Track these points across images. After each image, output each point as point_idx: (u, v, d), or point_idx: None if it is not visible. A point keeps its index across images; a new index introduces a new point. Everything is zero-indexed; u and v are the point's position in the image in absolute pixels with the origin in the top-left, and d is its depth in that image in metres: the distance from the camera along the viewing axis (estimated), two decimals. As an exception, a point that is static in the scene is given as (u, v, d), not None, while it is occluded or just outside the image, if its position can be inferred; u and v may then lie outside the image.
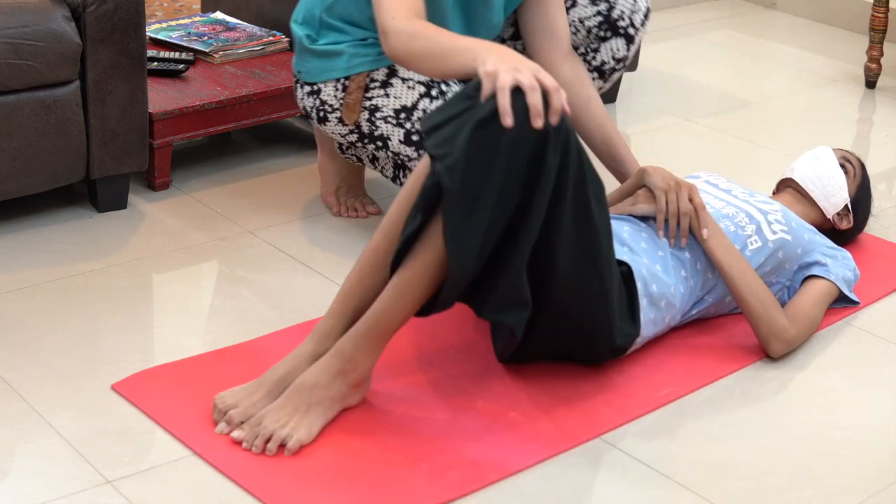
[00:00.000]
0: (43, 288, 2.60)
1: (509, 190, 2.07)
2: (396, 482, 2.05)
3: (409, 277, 2.11)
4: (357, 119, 2.70)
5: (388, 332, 2.15)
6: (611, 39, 2.87)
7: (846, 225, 2.80)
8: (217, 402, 2.16)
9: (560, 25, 2.76)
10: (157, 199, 3.02)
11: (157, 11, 3.91)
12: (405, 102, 2.66)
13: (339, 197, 2.99)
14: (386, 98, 2.67)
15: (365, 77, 2.67)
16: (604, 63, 2.89)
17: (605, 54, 2.88)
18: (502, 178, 2.05)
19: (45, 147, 2.77)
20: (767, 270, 2.53)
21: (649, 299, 2.36)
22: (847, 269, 2.61)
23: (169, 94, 3.08)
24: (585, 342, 2.31)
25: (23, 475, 2.04)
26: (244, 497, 2.01)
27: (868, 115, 3.88)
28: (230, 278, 2.69)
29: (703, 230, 2.44)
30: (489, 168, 2.04)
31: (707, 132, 3.62)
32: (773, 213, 2.57)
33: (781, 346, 2.44)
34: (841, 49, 4.39)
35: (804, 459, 2.18)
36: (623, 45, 2.89)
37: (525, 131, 2.03)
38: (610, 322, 2.27)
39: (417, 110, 2.65)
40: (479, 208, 2.05)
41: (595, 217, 2.18)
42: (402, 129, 2.67)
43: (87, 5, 2.76)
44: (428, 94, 2.65)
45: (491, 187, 2.05)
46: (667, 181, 2.48)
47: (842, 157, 2.82)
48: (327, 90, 2.71)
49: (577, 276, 2.20)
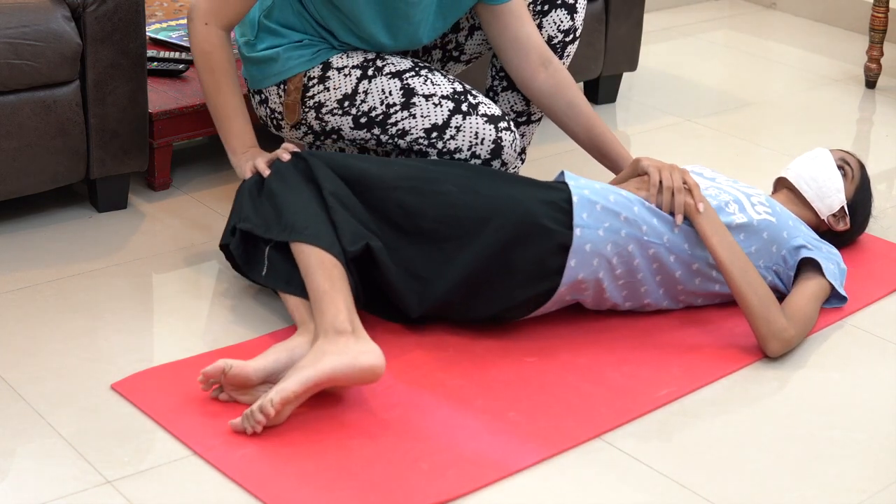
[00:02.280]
0: (43, 288, 2.60)
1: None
2: (396, 481, 2.05)
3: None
4: (298, 119, 2.71)
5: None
6: (551, 12, 2.79)
7: (843, 227, 2.80)
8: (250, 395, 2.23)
9: (526, 36, 2.70)
10: (157, 199, 3.02)
11: (157, 11, 3.89)
12: (345, 90, 2.67)
13: None
14: (326, 92, 2.68)
15: (302, 77, 2.68)
16: (551, 38, 2.79)
17: (550, 28, 2.79)
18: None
19: (45, 147, 2.77)
20: (752, 251, 2.53)
21: (602, 207, 2.42)
22: (832, 263, 2.61)
23: (169, 94, 3.08)
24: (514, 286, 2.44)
25: (22, 475, 2.04)
26: (244, 497, 2.01)
27: (868, 115, 3.88)
28: (230, 278, 2.69)
29: (699, 204, 2.45)
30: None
31: (707, 132, 3.62)
32: (757, 196, 2.60)
33: (780, 345, 2.44)
34: (841, 49, 4.39)
35: (804, 459, 2.18)
36: (566, 16, 2.79)
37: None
38: (541, 257, 2.42)
39: (359, 94, 2.66)
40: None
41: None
42: (349, 117, 2.68)
43: (87, 5, 2.76)
44: (365, 76, 2.66)
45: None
46: (660, 163, 2.52)
47: (840, 159, 2.81)
48: (272, 97, 2.73)
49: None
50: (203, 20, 2.57)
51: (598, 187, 2.47)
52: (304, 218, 2.38)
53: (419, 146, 2.67)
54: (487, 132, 2.62)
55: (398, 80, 2.66)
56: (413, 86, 2.66)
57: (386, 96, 2.66)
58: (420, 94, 2.65)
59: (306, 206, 2.40)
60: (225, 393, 2.21)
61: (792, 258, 2.58)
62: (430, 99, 2.65)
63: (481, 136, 2.62)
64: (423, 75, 2.67)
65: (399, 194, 2.44)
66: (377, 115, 2.67)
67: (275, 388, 2.13)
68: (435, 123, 2.65)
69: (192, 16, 2.58)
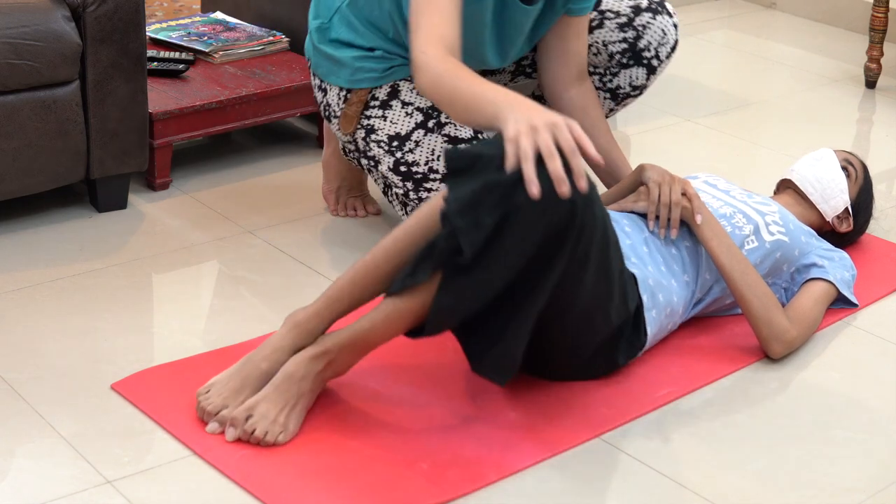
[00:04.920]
0: (43, 288, 2.60)
1: (525, 259, 2.05)
2: (396, 482, 2.05)
3: (402, 308, 2.12)
4: (353, 131, 2.67)
5: (372, 345, 2.18)
6: (632, 68, 2.80)
7: (846, 228, 2.80)
8: (203, 402, 2.16)
9: (575, 52, 2.70)
10: (157, 199, 3.02)
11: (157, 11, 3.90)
12: (399, 130, 2.61)
13: (338, 196, 2.99)
14: (382, 121, 2.62)
15: (367, 93, 2.64)
16: (619, 87, 2.82)
17: (623, 80, 2.81)
18: (521, 249, 2.04)
19: (45, 147, 2.77)
20: (764, 273, 2.52)
21: (656, 310, 2.36)
22: (845, 270, 2.61)
23: (169, 94, 3.08)
24: (584, 368, 2.34)
25: (22, 475, 2.04)
26: (244, 497, 2.01)
27: (868, 115, 3.88)
28: (230, 278, 2.69)
29: (697, 216, 2.45)
30: (511, 245, 2.03)
31: (707, 132, 3.62)
32: (771, 215, 2.57)
33: (782, 347, 2.44)
34: (841, 49, 4.39)
35: (804, 459, 2.18)
36: (643, 75, 2.82)
37: (552, 199, 1.98)
38: (613, 354, 2.31)
39: (410, 141, 2.60)
40: (487, 281, 2.06)
41: (613, 269, 2.19)
42: (392, 157, 2.63)
43: (87, 5, 2.75)
44: (424, 125, 2.60)
45: (507, 261, 2.04)
46: (662, 175, 2.49)
47: (844, 160, 2.81)
48: (332, 93, 2.69)
49: (585, 317, 2.22)
50: (420, 51, 2.27)
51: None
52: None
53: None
54: None
55: (452, 146, 2.57)
56: None
57: (432, 158, 2.59)
58: None
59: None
60: None
61: (801, 276, 2.58)
62: None
63: None
64: None
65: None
66: (417, 171, 2.61)
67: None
68: None
69: (415, 64, 2.27)
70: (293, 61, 3.33)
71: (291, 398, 2.13)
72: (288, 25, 3.44)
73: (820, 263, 2.58)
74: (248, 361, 2.19)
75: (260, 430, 2.10)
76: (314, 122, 3.40)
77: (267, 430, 2.10)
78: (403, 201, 2.72)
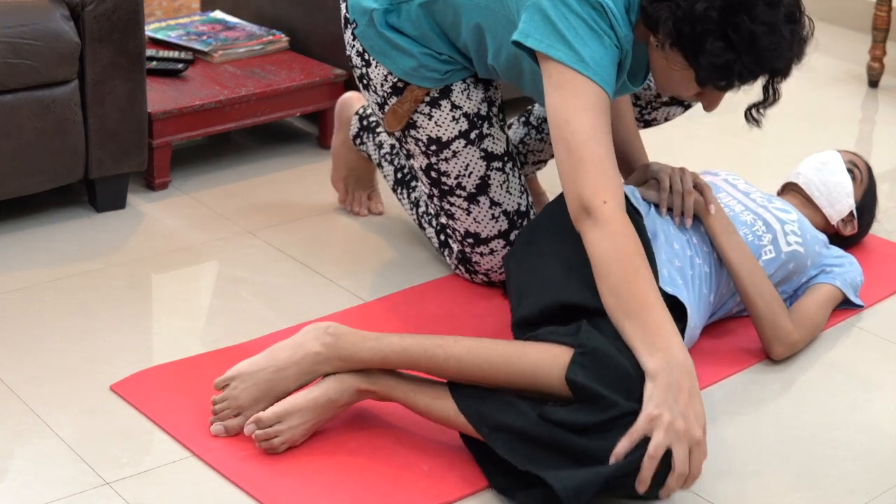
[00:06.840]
0: (42, 288, 2.59)
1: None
2: (396, 482, 2.04)
3: (456, 421, 2.07)
4: (397, 129, 2.56)
5: (413, 410, 2.12)
6: (672, 106, 2.78)
7: (850, 231, 2.79)
8: (217, 404, 2.14)
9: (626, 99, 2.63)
10: (156, 199, 3.01)
11: (157, 10, 3.90)
12: (441, 134, 2.53)
13: (347, 185, 2.97)
14: (427, 119, 2.53)
15: (424, 94, 2.52)
16: (655, 120, 2.80)
17: (661, 114, 2.79)
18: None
19: (44, 147, 2.76)
20: (776, 282, 2.51)
21: (689, 339, 2.33)
22: (855, 275, 2.60)
23: (168, 93, 3.07)
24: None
25: (21, 476, 2.03)
26: (243, 498, 2.00)
27: (871, 114, 3.87)
28: (229, 278, 2.68)
29: (710, 206, 2.43)
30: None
31: (707, 132, 3.62)
32: (791, 224, 2.54)
33: (784, 349, 2.43)
34: (843, 48, 4.38)
35: (807, 461, 2.17)
36: (680, 111, 2.82)
37: (651, 494, 1.96)
38: None
39: (448, 149, 2.53)
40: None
41: None
42: (426, 159, 2.56)
43: (85, 4, 2.75)
44: (467, 135, 2.53)
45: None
46: (670, 168, 2.48)
47: (849, 162, 2.79)
48: (377, 70, 2.53)
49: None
50: (601, 199, 2.07)
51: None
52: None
53: (451, 239, 2.65)
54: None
55: (485, 164, 2.53)
56: (490, 182, 2.54)
57: (464, 174, 2.55)
58: (490, 195, 2.55)
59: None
60: None
61: (810, 282, 2.57)
62: (493, 207, 2.55)
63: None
64: (506, 172, 2.55)
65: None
66: (446, 182, 2.56)
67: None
68: (478, 234, 2.58)
69: (588, 209, 2.07)
70: (293, 60, 3.32)
71: (323, 420, 2.12)
72: (287, 24, 3.44)
73: (828, 270, 2.58)
74: (278, 371, 2.12)
75: (279, 441, 2.08)
76: (314, 121, 3.40)
77: (286, 441, 2.08)
78: (416, 202, 2.74)
